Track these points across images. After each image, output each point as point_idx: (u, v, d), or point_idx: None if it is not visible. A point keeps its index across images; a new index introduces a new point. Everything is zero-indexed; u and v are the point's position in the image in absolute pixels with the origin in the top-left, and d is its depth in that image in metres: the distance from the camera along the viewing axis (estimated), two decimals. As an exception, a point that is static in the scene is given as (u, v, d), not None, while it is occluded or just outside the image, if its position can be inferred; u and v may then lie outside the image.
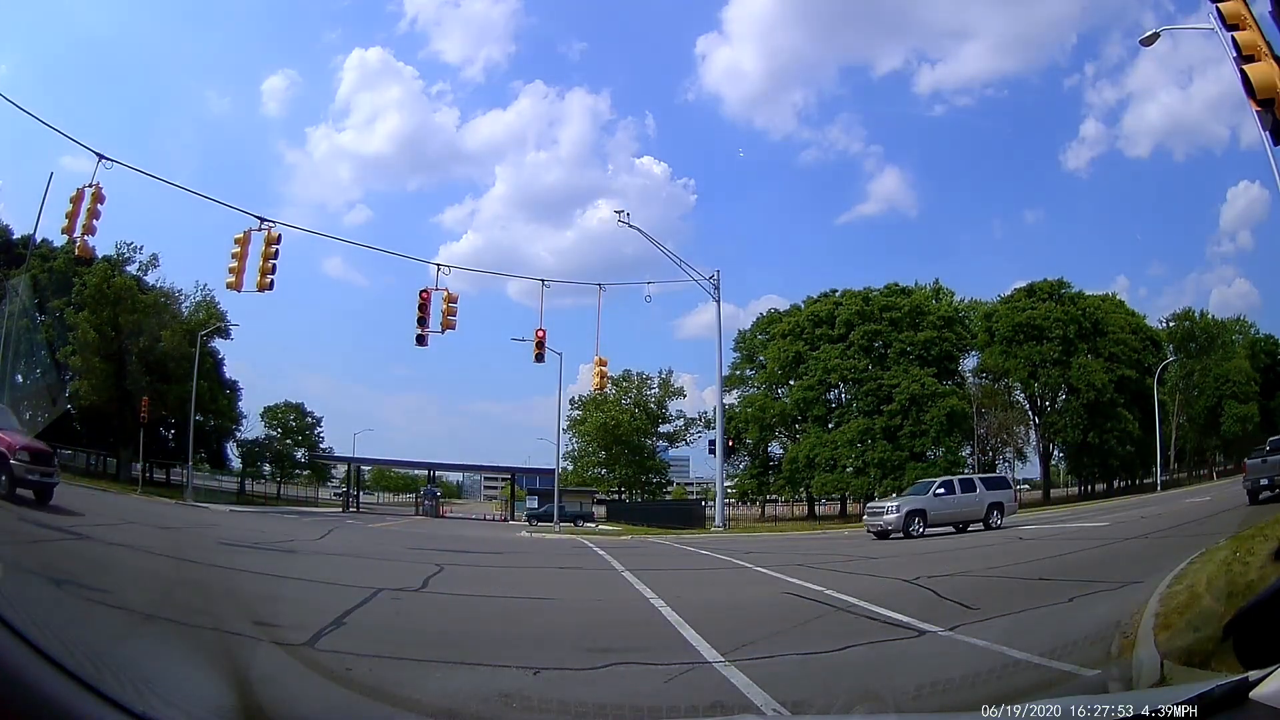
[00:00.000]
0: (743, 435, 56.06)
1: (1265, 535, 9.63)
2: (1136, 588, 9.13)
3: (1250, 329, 61.51)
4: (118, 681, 2.29)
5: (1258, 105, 9.53)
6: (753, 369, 60.52)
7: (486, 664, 6.58)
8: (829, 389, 55.60)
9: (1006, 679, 5.92)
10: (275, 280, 22.36)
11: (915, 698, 5.49)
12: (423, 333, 27.21)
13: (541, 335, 32.26)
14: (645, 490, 65.83)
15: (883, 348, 54.04)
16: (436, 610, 9.82)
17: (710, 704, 5.45)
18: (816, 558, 17.76)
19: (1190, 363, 57.93)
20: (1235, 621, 2.75)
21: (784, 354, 55.87)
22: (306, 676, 5.70)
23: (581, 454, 65.52)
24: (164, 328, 46.86)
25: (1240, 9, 10.04)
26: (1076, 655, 6.20)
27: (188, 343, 46.28)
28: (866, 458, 50.32)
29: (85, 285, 44.19)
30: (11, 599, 2.44)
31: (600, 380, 35.29)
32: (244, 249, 22.06)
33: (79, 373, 44.29)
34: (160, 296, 49.92)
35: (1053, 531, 21.95)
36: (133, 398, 43.34)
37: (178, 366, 46.21)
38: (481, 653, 7.13)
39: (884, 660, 6.84)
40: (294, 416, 69.06)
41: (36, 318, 44.16)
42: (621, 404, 63.48)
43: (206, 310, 51.74)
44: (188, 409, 45.25)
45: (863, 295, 56.64)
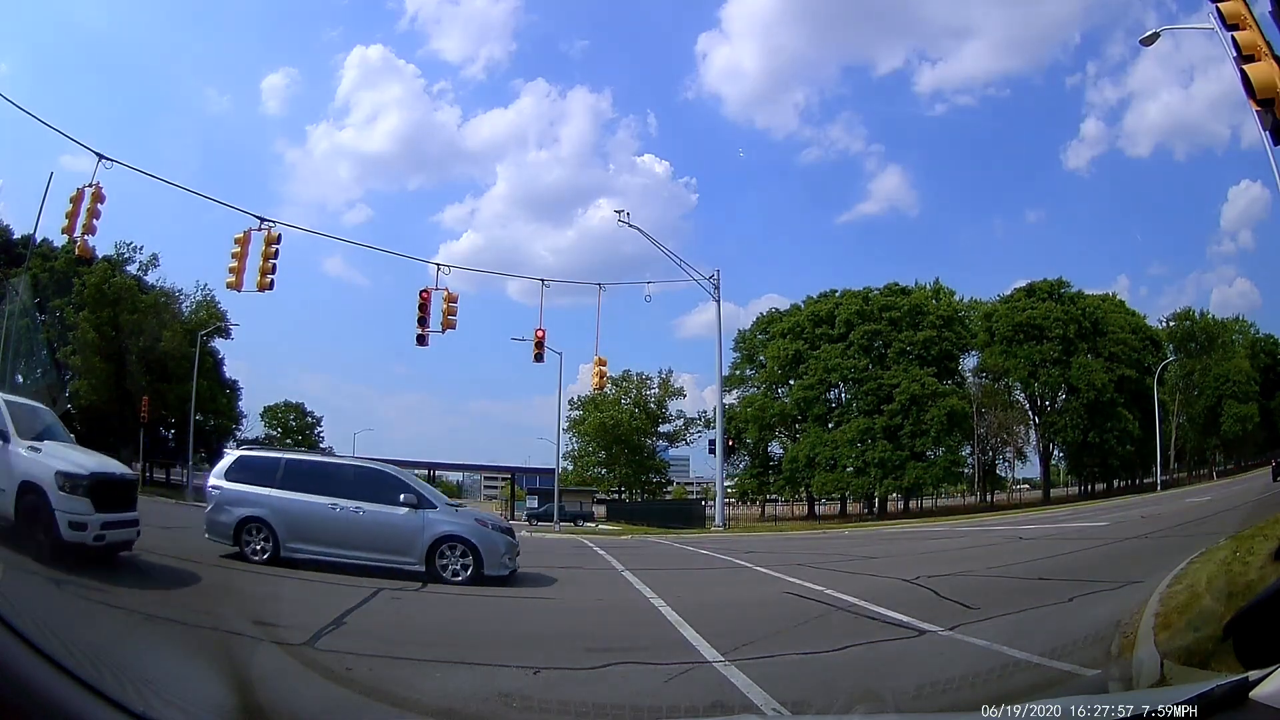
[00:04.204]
0: (743, 435, 56.04)
1: (1265, 535, 9.65)
2: (1137, 588, 9.15)
3: (1250, 329, 61.69)
4: (118, 681, 2.29)
5: (1258, 105, 9.55)
6: (753, 368, 60.46)
7: (486, 664, 6.60)
8: (829, 388, 55.61)
9: (1006, 679, 5.93)
10: (275, 280, 22.32)
11: (915, 698, 5.49)
12: (423, 333, 27.21)
13: (541, 335, 32.21)
14: (645, 490, 65.74)
15: (883, 347, 54.02)
16: (436, 610, 9.84)
17: (710, 704, 5.46)
18: (817, 557, 17.74)
19: (1190, 362, 57.93)
20: (1235, 621, 2.75)
21: (784, 353, 55.87)
22: (306, 676, 5.71)
23: (581, 454, 65.43)
24: (164, 328, 46.93)
25: (1240, 9, 10.04)
26: (1077, 655, 6.21)
27: (188, 342, 46.32)
28: (867, 457, 50.32)
29: (85, 285, 44.16)
30: (11, 599, 2.43)
31: (600, 380, 35.20)
32: (244, 249, 22.03)
33: (79, 372, 44.32)
34: (160, 296, 49.98)
35: (1053, 531, 21.97)
36: (133, 397, 43.35)
37: (178, 366, 46.24)
38: (481, 652, 7.15)
39: (884, 660, 6.85)
40: (294, 416, 69.21)
41: (37, 317, 44.18)
42: (621, 404, 63.39)
43: (207, 310, 51.77)
44: (188, 408, 45.28)
45: (863, 295, 56.60)
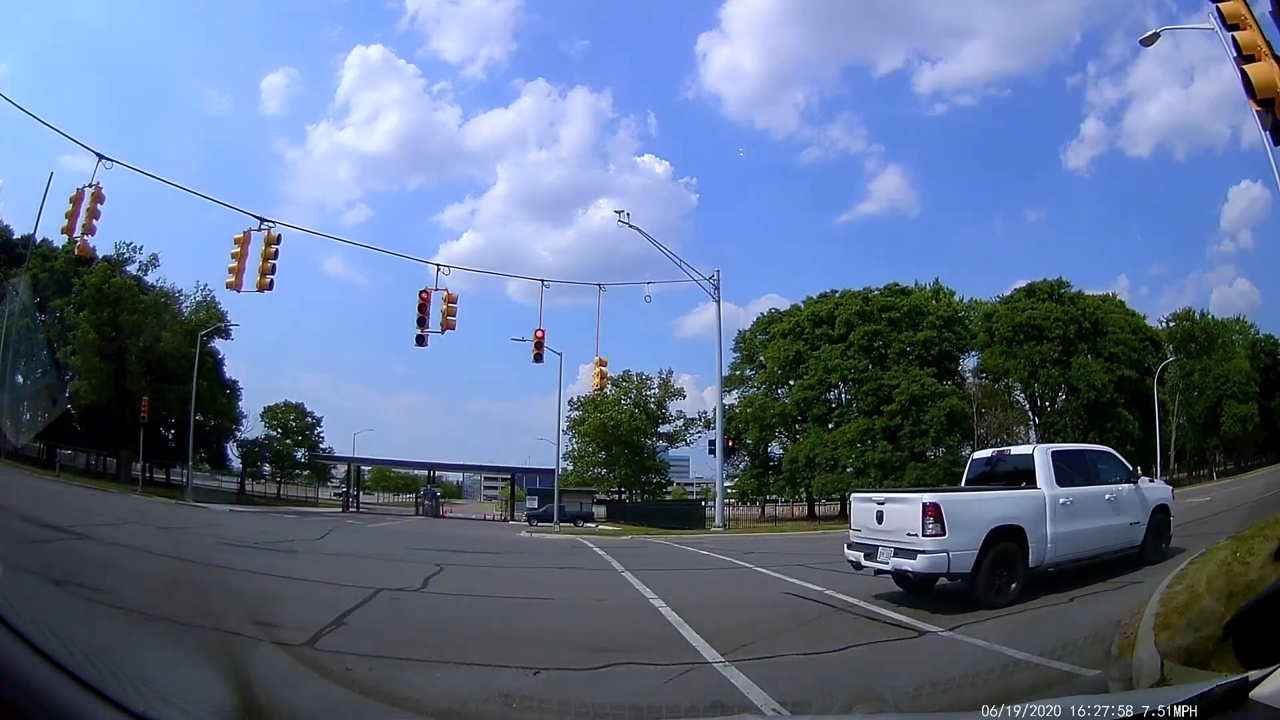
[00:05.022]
0: (743, 435, 55.94)
1: (1265, 535, 9.61)
2: (1136, 588, 9.15)
3: (1250, 329, 61.53)
4: (118, 681, 2.29)
5: (1258, 105, 9.53)
6: (753, 369, 60.34)
7: (486, 664, 6.59)
8: (829, 389, 55.47)
9: (1006, 679, 5.94)
10: (275, 280, 22.32)
11: (915, 698, 5.50)
12: (422, 333, 27.13)
13: (541, 335, 32.09)
14: (645, 490, 65.66)
15: (883, 348, 53.92)
16: (436, 610, 9.84)
17: (710, 704, 5.46)
18: (817, 558, 17.65)
19: (1190, 363, 57.79)
20: (1235, 621, 2.76)
21: (784, 354, 55.78)
22: (306, 676, 5.71)
23: (581, 454, 65.34)
24: (164, 328, 46.89)
25: (1240, 9, 10.03)
26: (1077, 655, 6.21)
27: (188, 343, 46.24)
28: (867, 458, 50.22)
29: (85, 285, 44.12)
30: (11, 599, 2.44)
31: (600, 380, 35.15)
32: (244, 249, 22.04)
33: (79, 372, 44.31)
34: (160, 297, 49.91)
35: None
36: (133, 398, 43.35)
37: (177, 366, 46.15)
38: (481, 652, 7.14)
39: (885, 661, 6.84)
40: (294, 416, 69.03)
41: (37, 317, 44.15)
42: (621, 404, 63.34)
43: (206, 310, 51.68)
44: (188, 409, 45.19)
45: (863, 295, 56.47)
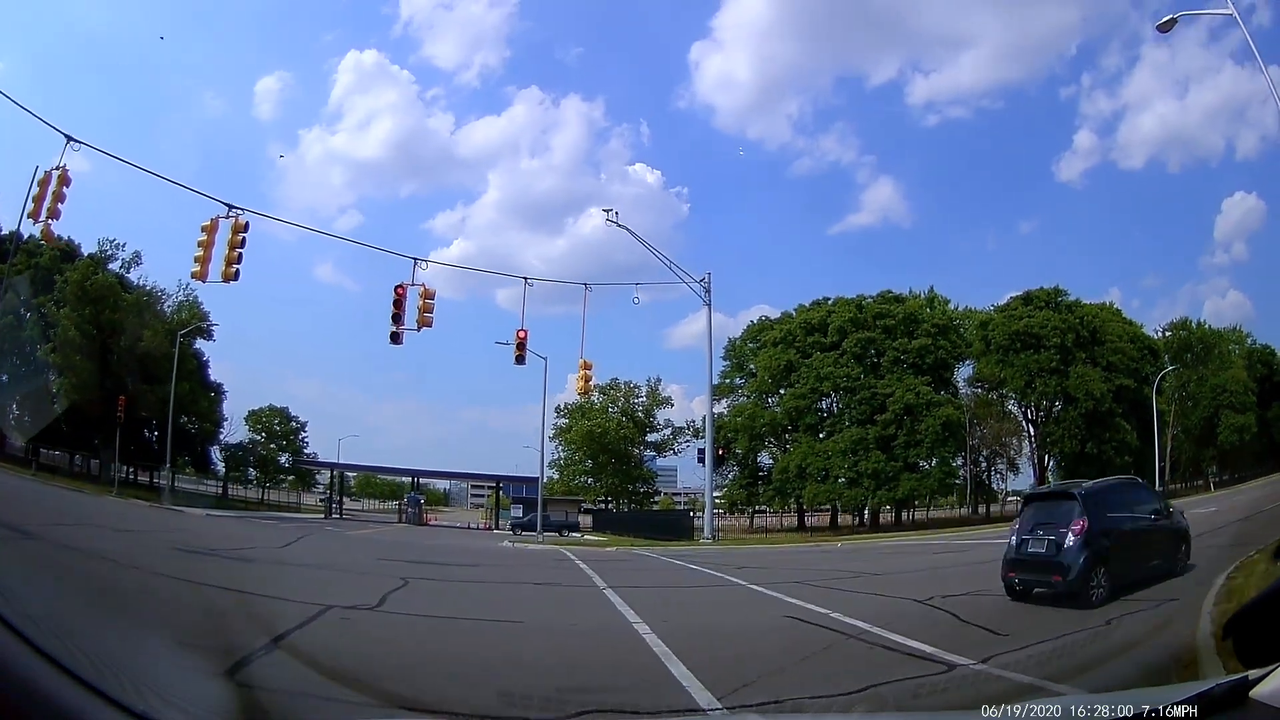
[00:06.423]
0: (732, 444, 54.79)
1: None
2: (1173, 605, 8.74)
3: (1247, 339, 61.18)
4: (118, 681, 2.23)
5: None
6: (743, 377, 59.30)
7: (433, 711, 5.47)
8: (821, 397, 54.33)
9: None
10: (241, 270, 21.31)
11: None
12: (397, 330, 25.66)
13: (523, 336, 30.73)
14: (632, 500, 64.58)
15: (876, 356, 53.05)
16: (390, 633, 8.66)
17: None
18: (815, 574, 16.76)
19: (1186, 372, 57.21)
20: (1235, 621, 2.81)
21: (775, 362, 54.70)
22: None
23: (568, 463, 64.29)
24: (145, 327, 45.66)
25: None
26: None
27: (169, 343, 45.07)
28: (860, 468, 49.18)
29: (68, 282, 43.06)
30: (12, 599, 2.39)
31: (585, 384, 33.87)
32: (210, 237, 20.90)
33: (61, 370, 42.96)
34: (142, 295, 48.83)
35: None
36: (115, 398, 42.06)
37: (159, 367, 44.93)
38: (433, 690, 6.08)
39: (919, 707, 5.76)
40: (279, 421, 67.57)
41: (23, 315, 43.00)
42: (609, 412, 62.26)
43: (188, 310, 50.59)
44: (168, 410, 43.83)
45: (856, 303, 55.56)
